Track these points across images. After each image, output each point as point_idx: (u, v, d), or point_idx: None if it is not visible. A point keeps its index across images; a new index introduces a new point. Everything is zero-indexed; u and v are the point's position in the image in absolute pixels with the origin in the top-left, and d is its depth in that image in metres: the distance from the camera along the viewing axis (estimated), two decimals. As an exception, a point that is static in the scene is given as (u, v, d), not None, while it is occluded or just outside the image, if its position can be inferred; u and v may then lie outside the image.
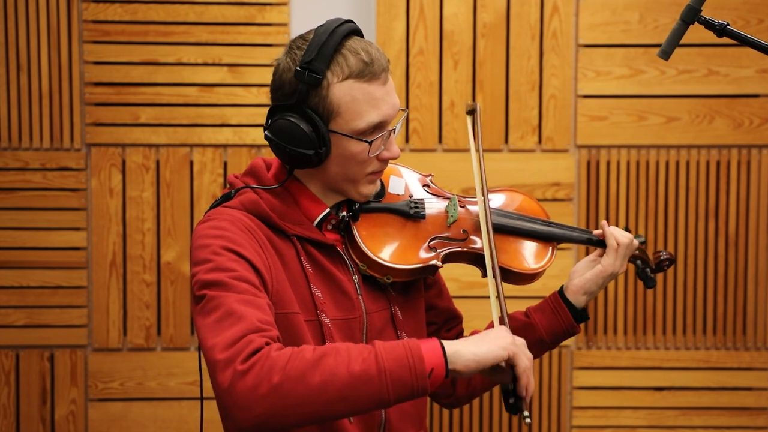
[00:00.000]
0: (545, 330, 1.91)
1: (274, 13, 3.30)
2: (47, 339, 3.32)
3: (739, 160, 3.34)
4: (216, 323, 1.49)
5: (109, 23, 3.28)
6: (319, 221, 1.74)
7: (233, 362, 1.42)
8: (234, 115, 3.31)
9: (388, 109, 1.68)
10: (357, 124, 1.65)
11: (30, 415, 3.33)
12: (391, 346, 1.46)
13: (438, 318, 1.96)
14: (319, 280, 1.71)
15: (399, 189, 1.85)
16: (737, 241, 3.35)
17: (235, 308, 1.49)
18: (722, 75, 3.31)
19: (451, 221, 1.83)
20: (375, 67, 1.65)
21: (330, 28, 1.66)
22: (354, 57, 1.65)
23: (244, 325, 1.47)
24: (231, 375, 1.41)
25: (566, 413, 3.38)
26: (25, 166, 3.29)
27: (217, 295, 1.52)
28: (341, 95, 1.64)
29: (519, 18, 3.29)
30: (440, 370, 1.45)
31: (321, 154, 1.66)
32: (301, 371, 1.41)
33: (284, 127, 1.65)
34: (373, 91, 1.65)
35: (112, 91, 3.30)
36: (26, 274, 3.31)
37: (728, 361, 3.37)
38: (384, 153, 1.70)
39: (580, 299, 1.92)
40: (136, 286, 3.32)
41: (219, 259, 1.57)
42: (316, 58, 1.63)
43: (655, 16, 3.29)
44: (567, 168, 3.32)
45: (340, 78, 1.64)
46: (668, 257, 2.06)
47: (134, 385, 3.33)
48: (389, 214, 1.80)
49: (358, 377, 1.42)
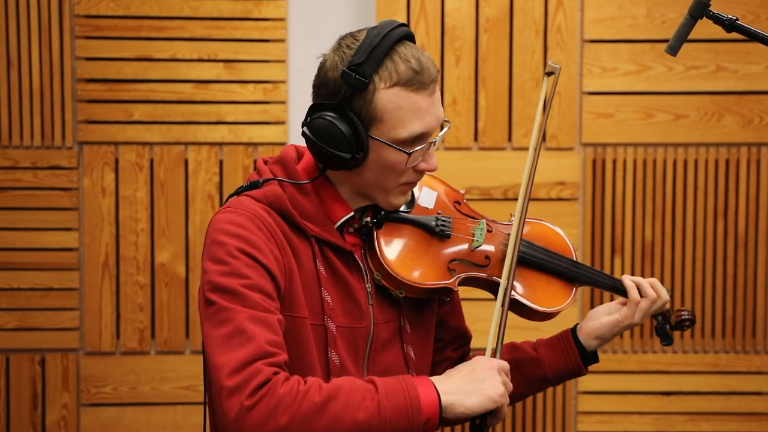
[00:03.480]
0: (551, 368, 1.91)
1: (271, 7, 3.30)
2: (38, 342, 3.32)
3: (749, 158, 3.34)
4: (225, 340, 1.51)
5: (101, 18, 3.28)
6: (341, 224, 1.73)
7: (241, 393, 1.46)
8: (230, 112, 3.31)
9: (432, 121, 1.67)
10: (399, 133, 1.64)
11: (20, 420, 3.33)
12: (392, 391, 1.53)
13: (446, 336, 1.95)
14: (331, 285, 1.70)
15: (429, 203, 1.84)
16: (746, 241, 3.35)
17: (245, 326, 1.52)
18: (731, 71, 3.31)
19: (475, 246, 1.81)
20: (424, 76, 1.64)
21: (383, 32, 1.64)
22: (404, 64, 1.63)
23: (253, 347, 1.50)
24: (238, 407, 1.45)
25: (571, 418, 3.38)
26: (16, 164, 3.29)
27: (228, 306, 1.54)
28: (386, 102, 1.63)
29: (523, 12, 3.29)
30: (434, 420, 1.55)
31: (358, 159, 1.65)
32: (309, 414, 1.48)
33: (323, 127, 1.64)
34: (419, 101, 1.64)
35: (105, 88, 3.29)
36: (16, 276, 3.31)
37: (738, 365, 3.37)
38: (421, 164, 1.69)
39: (591, 343, 1.91)
40: (130, 288, 3.32)
41: (235, 263, 1.58)
42: (366, 62, 1.61)
43: (662, 10, 3.29)
44: (572, 167, 3.32)
45: (388, 84, 1.63)
46: (690, 318, 2.02)
47: (127, 390, 3.33)
48: (414, 227, 1.79)
49: (360, 426, 1.50)
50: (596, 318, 1.93)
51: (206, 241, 1.64)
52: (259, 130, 3.28)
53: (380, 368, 1.75)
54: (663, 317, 2.00)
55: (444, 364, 1.95)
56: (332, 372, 1.67)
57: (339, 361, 1.69)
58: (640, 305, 1.91)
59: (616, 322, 1.91)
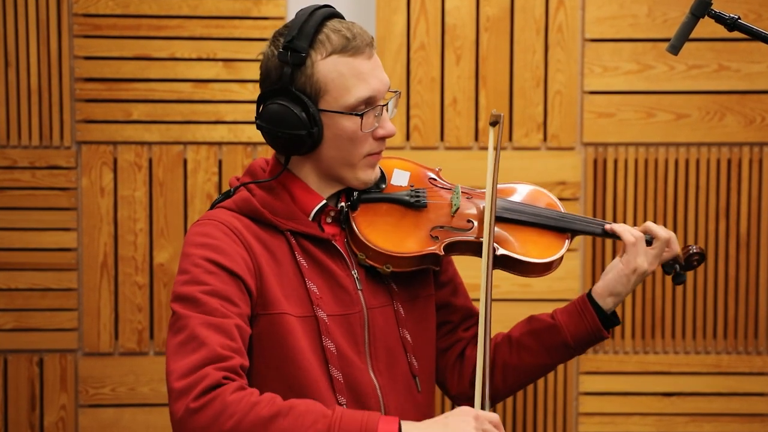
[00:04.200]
0: (570, 333, 1.88)
1: (270, 6, 3.30)
2: (36, 343, 3.32)
3: (751, 158, 3.34)
4: (179, 346, 1.54)
5: (100, 17, 3.28)
6: (315, 214, 1.75)
7: (187, 396, 1.48)
8: (229, 111, 3.31)
9: (377, 84, 1.70)
10: (346, 99, 1.68)
11: (18, 421, 3.33)
12: (349, 420, 1.48)
13: (454, 316, 1.95)
14: (315, 275, 1.72)
15: (402, 181, 1.86)
16: (749, 241, 3.34)
17: (198, 332, 1.54)
18: (733, 70, 3.31)
19: (454, 210, 1.83)
20: (357, 41, 1.69)
21: (309, 10, 1.70)
22: (335, 34, 1.68)
23: (204, 352, 1.51)
24: (184, 409, 1.47)
25: (572, 419, 3.38)
26: (14, 164, 3.29)
27: (184, 314, 1.57)
28: (327, 72, 1.67)
29: (523, 11, 3.29)
30: None
31: (314, 134, 1.68)
32: (253, 426, 1.47)
33: (274, 112, 1.69)
34: (358, 65, 1.68)
35: (103, 87, 3.29)
36: (14, 276, 3.31)
37: (740, 366, 3.37)
38: (378, 130, 1.72)
39: (607, 301, 1.88)
40: (128, 289, 3.32)
41: (195, 271, 1.61)
42: (297, 37, 1.67)
43: (664, 9, 3.29)
44: (573, 166, 3.32)
45: (324, 55, 1.68)
46: (698, 251, 1.97)
47: (126, 391, 3.33)
48: (389, 203, 1.81)
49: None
50: (605, 275, 1.91)
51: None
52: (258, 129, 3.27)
53: (382, 353, 1.76)
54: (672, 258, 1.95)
55: (458, 345, 1.96)
56: (330, 360, 1.68)
57: (336, 349, 1.69)
58: (637, 246, 1.87)
59: (621, 270, 1.87)
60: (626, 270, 1.87)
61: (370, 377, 1.73)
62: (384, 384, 1.75)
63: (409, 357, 1.80)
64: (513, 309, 1.87)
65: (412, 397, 1.81)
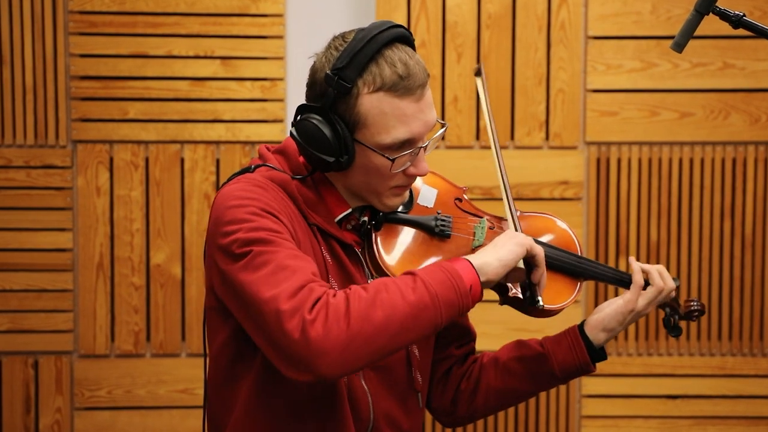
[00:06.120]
0: (558, 364, 1.88)
1: (268, 3, 3.30)
2: (31, 345, 3.32)
3: (756, 157, 3.34)
4: (270, 276, 1.52)
5: (95, 14, 3.28)
6: (339, 220, 1.75)
7: (300, 311, 1.47)
8: (227, 110, 3.31)
9: (419, 127, 1.67)
10: (383, 138, 1.65)
11: (13, 424, 3.33)
12: (431, 271, 1.57)
13: (450, 332, 1.94)
14: (336, 274, 1.72)
15: (428, 201, 1.84)
16: (754, 241, 3.35)
17: (287, 263, 1.53)
18: (738, 68, 3.31)
19: (476, 244, 1.81)
20: (410, 81, 1.64)
21: (370, 34, 1.64)
22: (389, 69, 1.63)
23: (300, 276, 1.51)
24: (300, 324, 1.46)
25: (575, 422, 3.38)
26: (8, 163, 3.29)
27: (264, 250, 1.55)
28: (370, 107, 1.64)
29: (525, 8, 3.29)
30: (477, 285, 1.58)
31: (342, 162, 1.66)
32: (365, 310, 1.49)
33: (308, 129, 1.66)
34: (404, 107, 1.64)
35: (99, 85, 3.30)
36: (9, 277, 3.31)
37: (745, 368, 3.37)
38: (411, 169, 1.70)
39: (599, 336, 1.89)
40: (125, 290, 3.32)
41: (260, 220, 1.59)
42: (348, 66, 1.62)
43: (668, 6, 3.29)
44: (576, 166, 3.32)
45: (371, 89, 1.63)
46: (699, 308, 2.01)
47: (122, 393, 3.33)
48: (413, 227, 1.79)
49: (416, 306, 1.52)
50: (601, 310, 1.91)
51: (217, 213, 1.63)
52: (256, 128, 3.28)
53: (383, 364, 1.75)
54: (671, 308, 1.99)
55: (447, 361, 1.95)
56: None
57: None
58: (646, 292, 1.90)
59: (619, 308, 1.88)
60: (626, 309, 1.89)
61: (360, 382, 1.74)
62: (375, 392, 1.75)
63: (414, 372, 1.80)
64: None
65: (404, 404, 1.81)
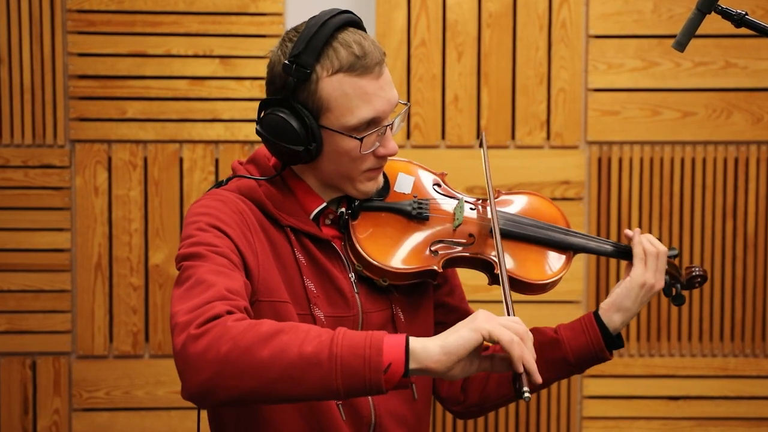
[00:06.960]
0: (572, 349, 1.87)
1: (268, 2, 3.31)
2: (29, 346, 3.32)
3: (759, 156, 3.34)
4: (187, 290, 1.52)
5: (94, 13, 3.28)
6: (315, 215, 1.75)
7: (189, 326, 1.44)
8: (226, 109, 3.31)
9: (382, 105, 1.68)
10: (348, 120, 1.66)
11: (11, 425, 3.33)
12: (353, 334, 1.42)
13: (447, 318, 1.94)
14: (312, 274, 1.72)
15: (405, 188, 1.85)
16: (756, 242, 3.35)
17: (205, 277, 1.53)
18: (740, 67, 3.31)
19: (457, 224, 1.82)
20: (367, 60, 1.66)
21: (321, 20, 1.68)
22: (345, 50, 1.66)
23: (211, 292, 1.49)
24: (185, 338, 1.43)
25: (576, 423, 3.38)
26: (6, 163, 3.29)
27: (192, 264, 1.56)
28: (331, 90, 1.66)
29: (526, 7, 3.29)
30: (398, 366, 1.39)
31: (311, 150, 1.68)
32: (251, 343, 1.40)
33: (273, 123, 1.69)
34: (364, 85, 1.66)
35: (98, 85, 3.30)
36: (7, 278, 3.31)
37: (747, 369, 3.37)
38: (380, 149, 1.71)
39: (613, 319, 1.88)
40: (123, 290, 3.32)
41: (202, 235, 1.61)
42: (305, 51, 1.65)
43: (669, 5, 3.29)
44: (577, 165, 3.32)
45: (330, 72, 1.66)
46: (701, 273, 1.99)
47: (121, 395, 3.33)
48: (390, 213, 1.80)
49: (306, 359, 1.39)
50: (613, 291, 1.90)
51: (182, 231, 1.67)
52: (255, 127, 3.27)
53: None
54: (672, 276, 1.97)
55: None
56: None
57: None
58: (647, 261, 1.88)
59: (628, 284, 1.87)
60: (634, 284, 1.88)
61: None
62: None
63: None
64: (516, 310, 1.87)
65: (406, 401, 1.80)
